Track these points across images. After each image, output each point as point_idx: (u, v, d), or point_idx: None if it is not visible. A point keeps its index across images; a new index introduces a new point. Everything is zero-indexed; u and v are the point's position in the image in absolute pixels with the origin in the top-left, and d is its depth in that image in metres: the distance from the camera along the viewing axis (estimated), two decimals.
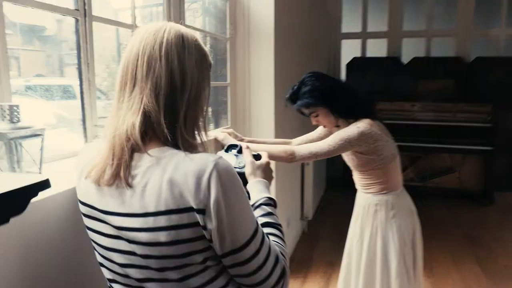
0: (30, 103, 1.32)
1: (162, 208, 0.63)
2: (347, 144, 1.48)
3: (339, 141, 1.48)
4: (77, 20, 1.12)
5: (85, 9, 1.13)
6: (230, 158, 0.93)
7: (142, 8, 1.93)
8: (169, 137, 0.67)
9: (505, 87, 4.43)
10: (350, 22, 5.20)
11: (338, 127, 1.64)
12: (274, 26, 2.26)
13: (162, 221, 0.63)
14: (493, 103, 4.18)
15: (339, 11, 5.12)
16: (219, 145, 1.52)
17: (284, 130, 2.55)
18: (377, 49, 5.04)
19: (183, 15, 1.76)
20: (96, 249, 0.75)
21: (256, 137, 2.32)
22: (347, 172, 1.77)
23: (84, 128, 1.17)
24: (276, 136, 2.34)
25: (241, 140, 1.65)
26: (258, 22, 2.29)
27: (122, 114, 0.68)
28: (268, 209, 0.81)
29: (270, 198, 0.83)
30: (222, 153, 0.97)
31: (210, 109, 2.44)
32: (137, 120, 0.66)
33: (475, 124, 4.20)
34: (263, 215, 0.79)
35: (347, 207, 1.79)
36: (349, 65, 4.87)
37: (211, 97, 2.48)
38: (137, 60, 0.68)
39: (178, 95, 0.68)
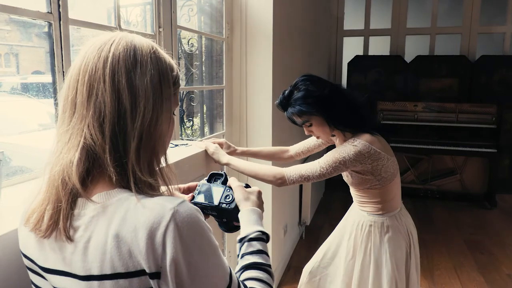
0: (23, 103, 1.25)
1: (108, 271, 0.51)
2: (342, 166, 1.35)
3: (332, 163, 1.34)
4: (50, 24, 1.01)
5: (59, 12, 1.02)
6: (214, 191, 0.83)
7: (134, 6, 1.82)
8: (115, 176, 0.54)
9: (511, 87, 4.32)
10: (352, 19, 5.07)
11: (333, 136, 1.52)
12: (272, 25, 2.14)
13: (107, 286, 0.52)
14: (498, 103, 4.08)
15: (342, 8, 4.98)
16: (210, 159, 1.41)
17: (282, 135, 2.44)
18: (380, 47, 4.91)
19: (174, 13, 1.64)
20: None
21: (252, 143, 2.22)
22: None
23: None
24: (274, 141, 2.24)
25: (234, 150, 1.54)
26: (256, 21, 2.17)
27: (59, 148, 0.56)
28: (258, 245, 0.71)
29: (263, 233, 0.73)
30: (203, 182, 0.86)
31: (205, 113, 2.35)
32: (75, 157, 0.53)
33: (479, 125, 4.12)
34: (251, 253, 0.69)
35: (346, 210, 1.70)
36: (351, 64, 4.75)
37: (207, 100, 2.39)
38: (77, 82, 0.56)
39: (128, 123, 0.55)
